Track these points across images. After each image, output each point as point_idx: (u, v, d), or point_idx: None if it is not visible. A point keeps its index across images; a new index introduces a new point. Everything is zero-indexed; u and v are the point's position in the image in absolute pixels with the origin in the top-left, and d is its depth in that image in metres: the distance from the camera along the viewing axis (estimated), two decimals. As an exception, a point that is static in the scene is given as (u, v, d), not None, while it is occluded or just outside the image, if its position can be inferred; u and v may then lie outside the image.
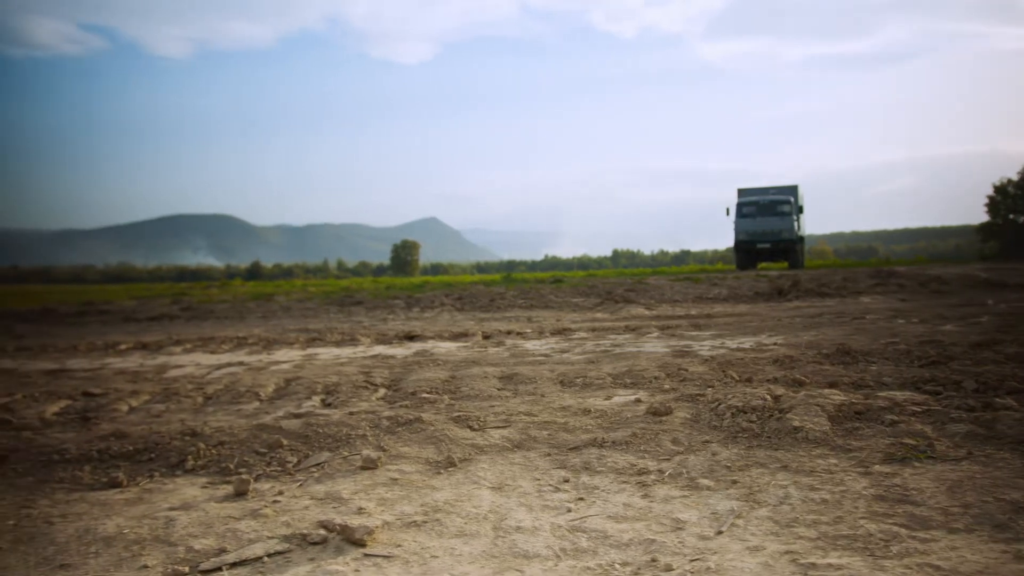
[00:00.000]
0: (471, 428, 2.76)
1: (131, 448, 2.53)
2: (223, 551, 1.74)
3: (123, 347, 5.96)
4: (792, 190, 26.70)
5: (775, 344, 4.76)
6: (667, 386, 3.44)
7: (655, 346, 4.93)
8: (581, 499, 2.11)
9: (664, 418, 2.82)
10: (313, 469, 2.36)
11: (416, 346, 5.42)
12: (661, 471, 2.31)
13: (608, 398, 3.25)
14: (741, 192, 27.21)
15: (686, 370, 3.76)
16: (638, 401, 3.12)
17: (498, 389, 3.51)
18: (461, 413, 2.92)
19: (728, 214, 25.88)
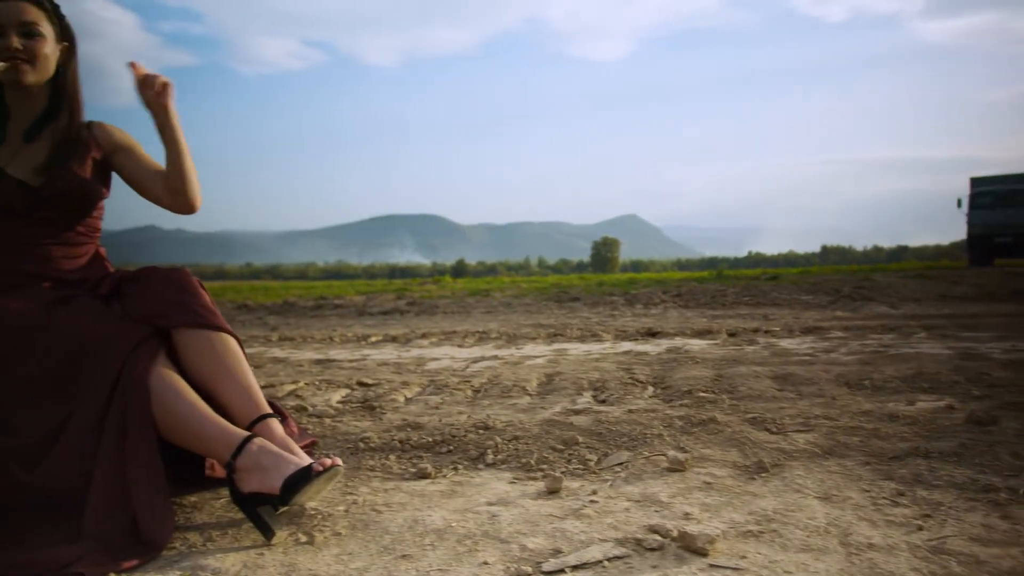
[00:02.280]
0: (769, 431, 2.58)
1: (429, 440, 2.55)
2: (559, 552, 1.67)
3: (374, 339, 6.22)
4: (1038, 177, 24.16)
5: (1083, 347, 4.23)
6: (976, 392, 3.10)
7: (931, 347, 4.51)
8: (927, 516, 1.88)
9: (990, 428, 2.51)
10: (617, 468, 2.26)
11: (664, 343, 5.28)
12: (1011, 489, 2.03)
13: (911, 403, 2.96)
14: (975, 181, 24.97)
15: (988, 374, 3.38)
16: (950, 408, 2.82)
17: (778, 390, 3.30)
18: (753, 414, 2.75)
19: (960, 206, 23.86)
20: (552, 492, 2.06)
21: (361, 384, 3.78)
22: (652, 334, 5.82)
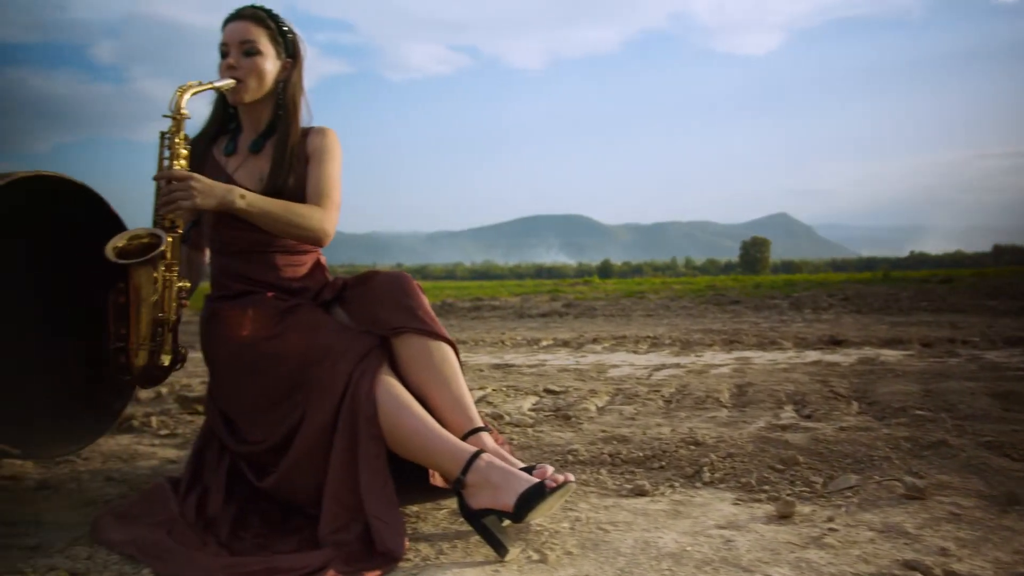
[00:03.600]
0: (1011, 457, 2.37)
1: (639, 454, 2.49)
2: (810, 585, 1.57)
3: (545, 343, 6.22)
4: None
5: None
6: None
7: None
8: None
9: None
10: (847, 493, 2.13)
11: (853, 352, 5.02)
12: None
13: None
14: None
15: None
16: None
17: (1003, 410, 3.04)
18: (987, 438, 2.54)
19: None
20: (784, 517, 1.96)
21: (549, 391, 3.77)
22: (836, 343, 5.54)
